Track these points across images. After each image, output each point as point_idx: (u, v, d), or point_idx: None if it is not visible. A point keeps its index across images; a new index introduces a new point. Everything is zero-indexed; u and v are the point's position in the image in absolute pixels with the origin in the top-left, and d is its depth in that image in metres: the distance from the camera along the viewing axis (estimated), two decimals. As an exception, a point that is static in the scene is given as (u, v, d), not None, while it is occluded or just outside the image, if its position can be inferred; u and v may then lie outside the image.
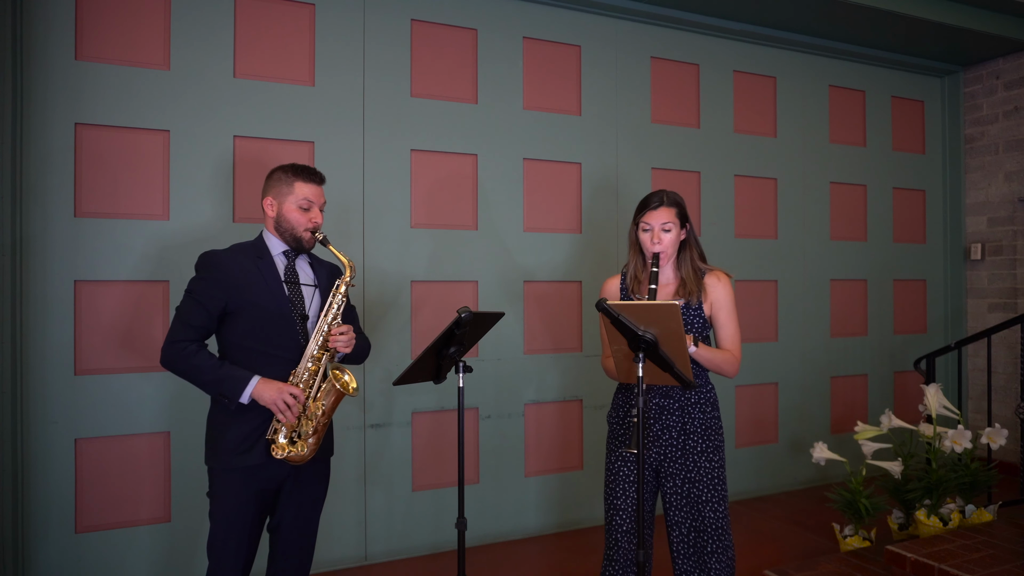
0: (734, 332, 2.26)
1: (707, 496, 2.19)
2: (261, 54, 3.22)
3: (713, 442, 2.22)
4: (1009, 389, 4.65)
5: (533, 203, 3.77)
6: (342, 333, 2.12)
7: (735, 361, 2.24)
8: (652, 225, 2.23)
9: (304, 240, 2.18)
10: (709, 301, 2.26)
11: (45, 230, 2.84)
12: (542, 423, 3.77)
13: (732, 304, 2.27)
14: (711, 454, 2.21)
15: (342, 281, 2.18)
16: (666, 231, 2.22)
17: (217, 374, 2.03)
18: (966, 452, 3.30)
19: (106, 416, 2.92)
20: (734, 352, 2.25)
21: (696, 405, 2.23)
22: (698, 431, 2.21)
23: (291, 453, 2.06)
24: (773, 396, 4.43)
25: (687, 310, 2.24)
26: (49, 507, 2.83)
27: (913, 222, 4.99)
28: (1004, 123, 4.79)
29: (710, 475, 2.20)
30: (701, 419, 2.22)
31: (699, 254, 2.33)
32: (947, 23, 4.23)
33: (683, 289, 2.26)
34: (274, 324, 2.10)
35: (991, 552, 2.77)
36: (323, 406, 2.10)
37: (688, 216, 2.30)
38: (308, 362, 2.10)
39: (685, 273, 2.28)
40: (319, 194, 2.21)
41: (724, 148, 4.29)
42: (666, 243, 2.23)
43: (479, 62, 3.65)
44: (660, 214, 2.23)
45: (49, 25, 2.86)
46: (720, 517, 2.20)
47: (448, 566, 3.27)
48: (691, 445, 2.21)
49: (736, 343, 2.26)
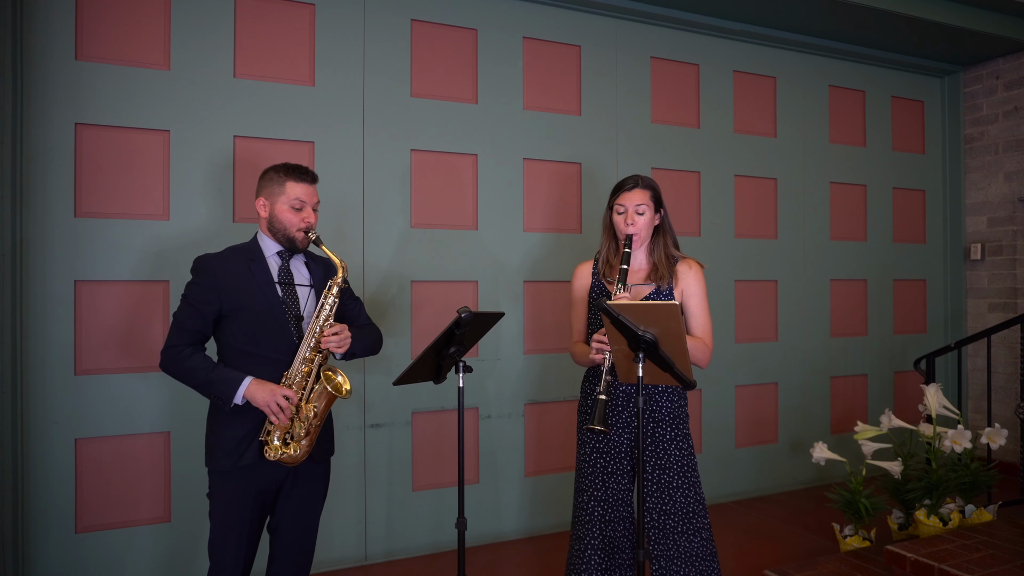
0: (705, 321, 2.26)
1: (678, 482, 2.21)
2: (261, 54, 3.22)
3: (681, 430, 2.25)
4: (1009, 389, 4.65)
5: (533, 203, 3.77)
6: (335, 333, 2.11)
7: (706, 349, 2.24)
8: (626, 207, 2.24)
9: (297, 240, 2.17)
10: (680, 288, 2.27)
11: (45, 230, 2.84)
12: (542, 423, 3.77)
13: (704, 293, 2.28)
14: (680, 441, 2.23)
15: (334, 282, 2.16)
16: (639, 213, 2.24)
17: (209, 376, 2.04)
18: (966, 452, 3.30)
19: (106, 416, 2.92)
20: (705, 341, 2.24)
21: (663, 393, 2.25)
22: (666, 419, 2.24)
23: (284, 455, 2.06)
24: (773, 396, 4.43)
25: (656, 294, 2.24)
26: (49, 507, 2.83)
27: (913, 222, 4.99)
28: (1004, 123, 4.79)
29: (680, 462, 2.22)
30: (669, 407, 2.24)
31: (673, 241, 2.33)
32: (947, 23, 4.23)
33: (654, 274, 2.27)
34: (267, 326, 2.10)
35: (991, 552, 2.77)
36: (315, 408, 2.10)
37: (663, 202, 2.30)
38: (301, 364, 2.10)
39: (657, 258, 2.29)
40: (311, 193, 2.19)
41: (724, 148, 4.29)
42: (640, 225, 2.23)
43: (479, 62, 3.65)
44: (634, 195, 2.24)
45: (49, 25, 2.86)
46: (690, 501, 2.21)
47: (448, 566, 3.27)
48: (660, 432, 2.23)
49: (707, 332, 2.26)
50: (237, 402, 2.04)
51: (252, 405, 2.05)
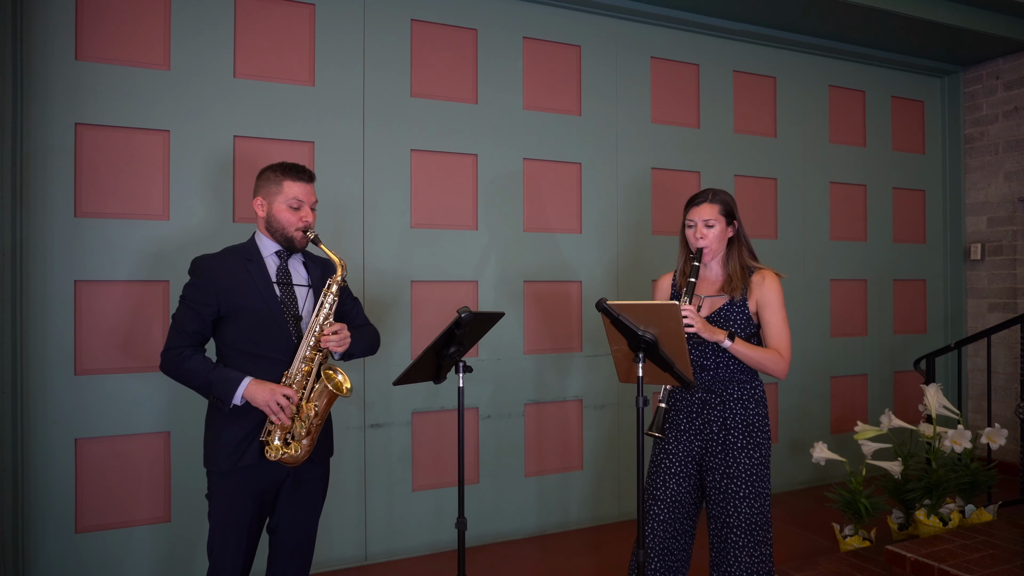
0: (780, 332, 2.24)
1: (744, 492, 2.19)
2: (261, 54, 3.22)
3: (755, 439, 2.22)
4: (1009, 389, 4.65)
5: (533, 203, 3.77)
6: (335, 332, 2.10)
7: (781, 360, 2.21)
8: (695, 221, 2.28)
9: (295, 240, 2.16)
10: (754, 299, 2.26)
11: (45, 230, 2.84)
12: (542, 423, 3.77)
13: (779, 303, 2.25)
14: (751, 451, 2.21)
15: (333, 280, 2.15)
16: (709, 227, 2.26)
17: (209, 377, 2.03)
18: (966, 452, 3.30)
19: (106, 416, 2.92)
20: (780, 351, 2.22)
21: (738, 401, 2.24)
22: (739, 427, 2.22)
23: (285, 455, 2.06)
24: (773, 396, 4.42)
25: (730, 306, 2.25)
26: (49, 507, 2.83)
27: (913, 222, 4.99)
28: (1004, 123, 4.80)
29: (748, 471, 2.20)
30: (743, 415, 2.23)
31: (749, 252, 2.34)
32: (947, 23, 4.23)
33: (728, 285, 2.28)
34: (265, 326, 2.09)
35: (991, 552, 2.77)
36: (316, 407, 2.10)
37: (736, 214, 2.32)
38: (301, 363, 2.10)
39: (732, 270, 2.30)
40: (309, 192, 2.18)
41: (724, 148, 4.29)
42: (710, 239, 2.25)
43: (479, 62, 3.65)
44: (703, 210, 2.27)
45: (49, 25, 2.86)
46: (754, 513, 2.19)
47: (448, 566, 3.27)
48: (731, 441, 2.22)
49: (782, 343, 2.23)
50: (236, 402, 2.03)
51: (251, 405, 2.05)
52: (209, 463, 2.11)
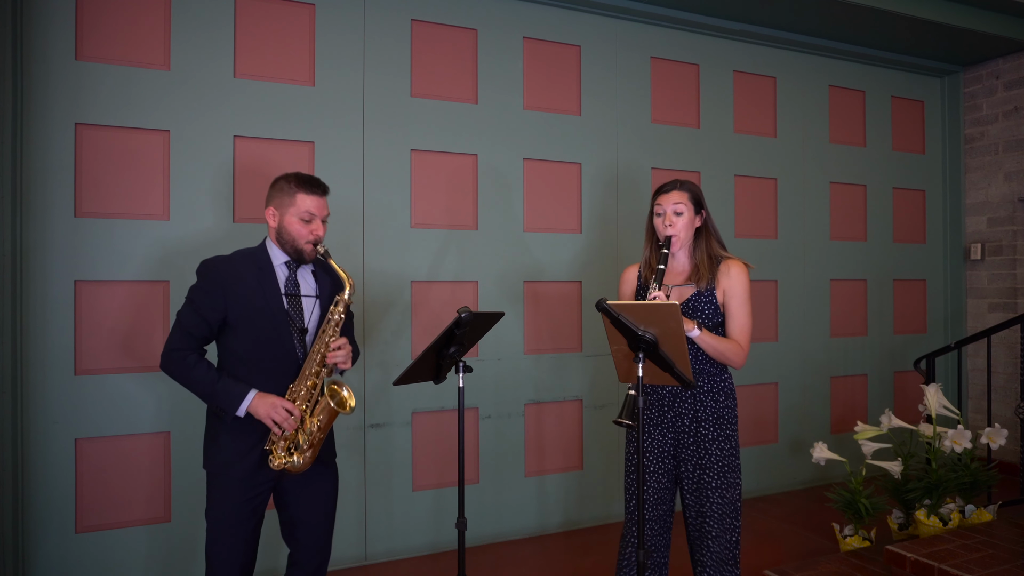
0: (743, 324, 2.24)
1: (716, 483, 2.21)
2: (261, 54, 3.22)
3: (725, 431, 2.24)
4: (1009, 389, 4.65)
5: (533, 203, 3.77)
6: (339, 348, 2.10)
7: (741, 351, 2.23)
8: (664, 208, 2.26)
9: (305, 252, 2.15)
10: (721, 289, 2.26)
11: (45, 230, 2.84)
12: (542, 423, 3.77)
13: (745, 294, 2.24)
14: (722, 442, 2.23)
15: (341, 298, 2.14)
16: (678, 214, 2.25)
17: (214, 387, 2.04)
18: (966, 452, 3.30)
19: (106, 416, 2.92)
20: (740, 342, 2.24)
21: (709, 393, 2.25)
22: (710, 419, 2.23)
23: (288, 464, 2.07)
24: (773, 396, 4.42)
25: (697, 296, 2.25)
26: (49, 507, 2.83)
27: (913, 222, 4.99)
28: (1004, 123, 4.79)
29: (720, 462, 2.22)
30: (713, 408, 2.24)
31: (717, 242, 2.33)
32: (947, 23, 4.23)
33: (695, 275, 2.28)
34: (271, 338, 2.09)
35: (991, 552, 2.77)
36: (319, 422, 2.10)
37: (704, 204, 2.31)
38: (307, 378, 2.10)
39: (699, 259, 2.29)
40: (322, 206, 2.16)
41: (724, 148, 4.29)
42: (678, 226, 2.24)
43: (479, 62, 3.65)
44: (672, 196, 2.26)
45: (49, 25, 2.86)
46: (726, 503, 2.21)
47: (448, 566, 3.27)
48: (703, 433, 2.23)
49: (743, 334, 2.24)
50: (239, 415, 2.04)
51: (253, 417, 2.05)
52: (208, 465, 2.11)
